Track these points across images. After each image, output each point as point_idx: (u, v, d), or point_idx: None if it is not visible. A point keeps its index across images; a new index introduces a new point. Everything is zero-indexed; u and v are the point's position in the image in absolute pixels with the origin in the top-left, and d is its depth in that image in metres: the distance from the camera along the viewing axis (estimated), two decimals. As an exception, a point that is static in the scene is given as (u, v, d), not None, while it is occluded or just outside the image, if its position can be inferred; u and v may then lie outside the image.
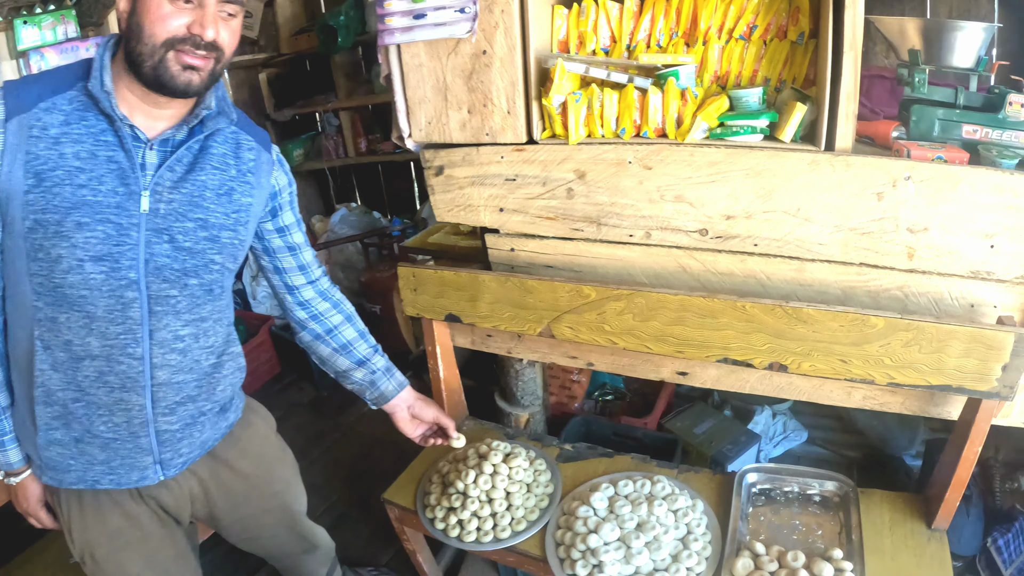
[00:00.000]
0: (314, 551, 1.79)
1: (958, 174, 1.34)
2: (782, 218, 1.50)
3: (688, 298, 1.50)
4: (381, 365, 1.58)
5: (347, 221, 3.33)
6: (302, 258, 1.47)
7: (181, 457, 1.33)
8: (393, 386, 1.59)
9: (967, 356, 1.34)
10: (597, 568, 1.53)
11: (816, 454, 2.62)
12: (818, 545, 1.58)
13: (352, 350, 1.56)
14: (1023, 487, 2.24)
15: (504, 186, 1.72)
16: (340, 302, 1.57)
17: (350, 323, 1.57)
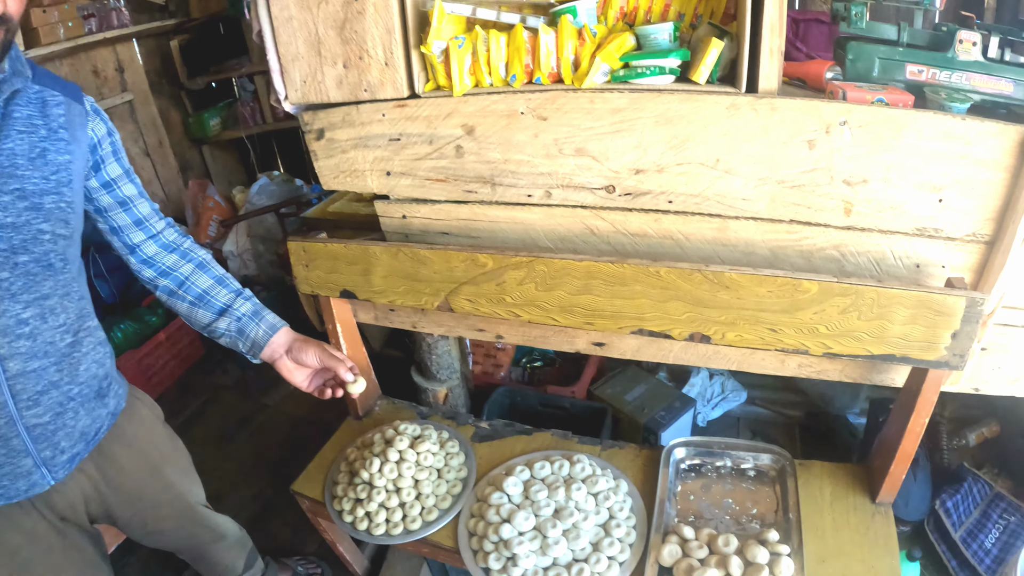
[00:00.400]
0: (221, 540, 1.70)
1: (901, 119, 1.19)
2: (699, 171, 1.34)
3: (595, 264, 1.35)
4: (247, 310, 1.41)
5: (266, 191, 3.12)
6: (137, 212, 1.32)
7: (64, 454, 1.22)
8: (264, 330, 1.40)
9: (913, 323, 1.21)
10: (511, 561, 1.41)
11: (756, 415, 2.54)
12: (753, 525, 1.48)
13: (209, 299, 1.39)
14: (971, 444, 2.18)
15: (389, 147, 1.54)
16: (189, 251, 1.40)
17: (203, 271, 1.41)
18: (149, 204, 1.36)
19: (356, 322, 1.80)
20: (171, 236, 1.39)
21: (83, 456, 1.27)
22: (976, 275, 1.31)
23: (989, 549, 1.91)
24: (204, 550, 1.68)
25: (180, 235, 1.41)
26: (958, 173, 1.20)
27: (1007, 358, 1.40)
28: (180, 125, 3.60)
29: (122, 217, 1.31)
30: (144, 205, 1.34)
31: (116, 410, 1.35)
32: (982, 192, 1.20)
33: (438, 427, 1.73)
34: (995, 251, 1.25)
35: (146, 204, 1.35)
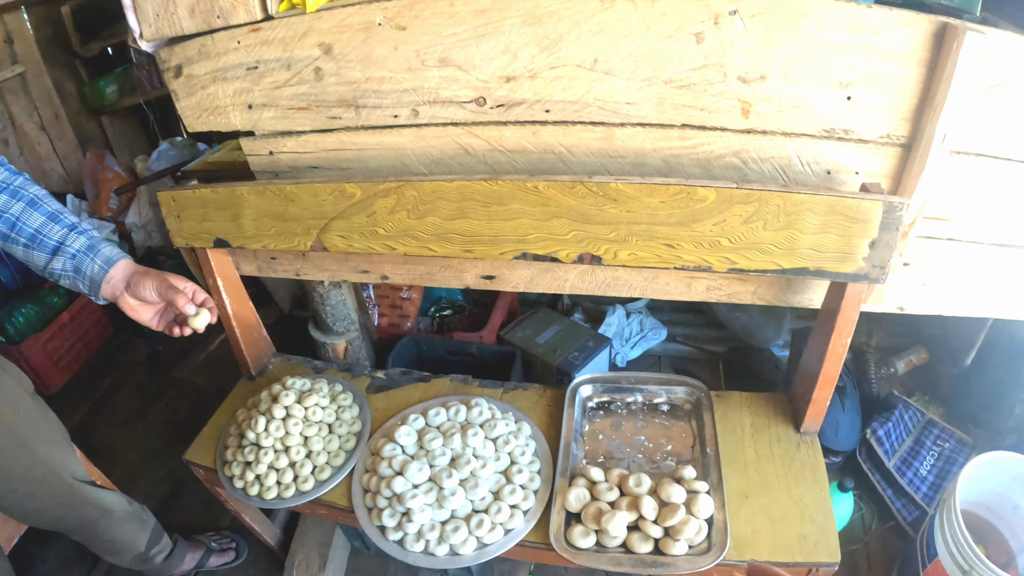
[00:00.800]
0: (108, 516, 1.61)
1: (799, 6, 1.08)
2: (576, 74, 1.22)
3: (468, 183, 1.23)
4: (80, 245, 1.23)
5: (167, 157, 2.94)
6: None
7: None
8: (99, 265, 1.23)
9: (825, 231, 1.12)
10: (406, 516, 1.31)
11: (677, 352, 2.48)
12: (668, 463, 1.40)
13: (42, 239, 1.22)
14: (900, 372, 2.16)
15: (247, 77, 1.40)
16: (20, 188, 1.22)
17: (34, 208, 1.22)
18: None
19: (240, 276, 1.67)
20: None
21: None
22: (894, 182, 1.22)
23: (925, 476, 1.88)
24: (94, 528, 1.59)
25: (11, 173, 1.24)
26: (867, 67, 1.10)
27: (932, 274, 1.33)
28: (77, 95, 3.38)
29: None
30: None
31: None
32: (895, 89, 1.11)
33: (331, 380, 1.62)
34: (912, 155, 1.16)
35: None
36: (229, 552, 2.02)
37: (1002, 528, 1.68)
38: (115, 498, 1.64)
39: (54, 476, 1.46)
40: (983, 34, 1.00)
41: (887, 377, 2.18)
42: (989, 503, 1.68)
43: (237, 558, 2.02)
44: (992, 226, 1.26)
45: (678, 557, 1.20)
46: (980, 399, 1.96)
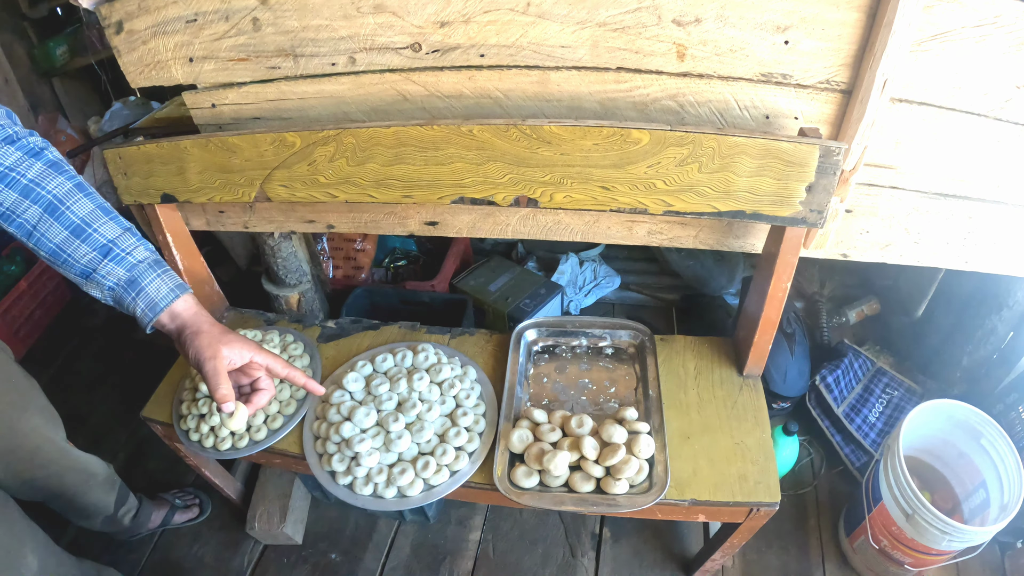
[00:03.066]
0: (92, 479, 1.62)
1: None
2: (509, 18, 1.21)
3: (404, 129, 1.23)
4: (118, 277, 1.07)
5: (120, 116, 2.88)
6: None
7: None
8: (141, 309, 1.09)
9: (761, 175, 1.13)
10: (354, 461, 1.33)
11: (632, 300, 2.51)
12: (611, 405, 1.42)
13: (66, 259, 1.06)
14: (851, 322, 2.20)
15: (187, 30, 1.38)
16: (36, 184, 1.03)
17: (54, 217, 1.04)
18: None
19: (190, 231, 1.66)
20: (9, 159, 1.01)
21: None
22: (833, 128, 1.23)
23: (873, 423, 1.92)
24: (75, 492, 1.59)
25: (26, 154, 1.03)
26: (805, 11, 1.10)
27: (875, 221, 1.35)
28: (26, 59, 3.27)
29: None
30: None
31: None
32: (834, 34, 1.11)
33: (283, 331, 1.63)
34: (853, 100, 1.17)
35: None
36: (193, 508, 2.03)
37: (948, 475, 1.73)
38: (96, 462, 1.66)
39: (48, 442, 1.45)
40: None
41: (839, 326, 2.21)
42: (935, 450, 1.72)
43: (201, 514, 2.04)
44: (935, 175, 1.27)
45: (619, 496, 1.23)
46: (930, 349, 2.00)
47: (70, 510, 1.66)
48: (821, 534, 1.84)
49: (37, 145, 1.06)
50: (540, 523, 1.90)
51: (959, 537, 1.43)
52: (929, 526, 1.43)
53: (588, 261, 2.49)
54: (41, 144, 1.07)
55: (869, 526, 1.61)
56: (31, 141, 1.05)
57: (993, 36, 1.08)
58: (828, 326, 2.16)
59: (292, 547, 1.93)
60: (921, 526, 1.45)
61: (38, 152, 1.05)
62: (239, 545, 1.96)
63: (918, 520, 1.45)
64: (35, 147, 1.05)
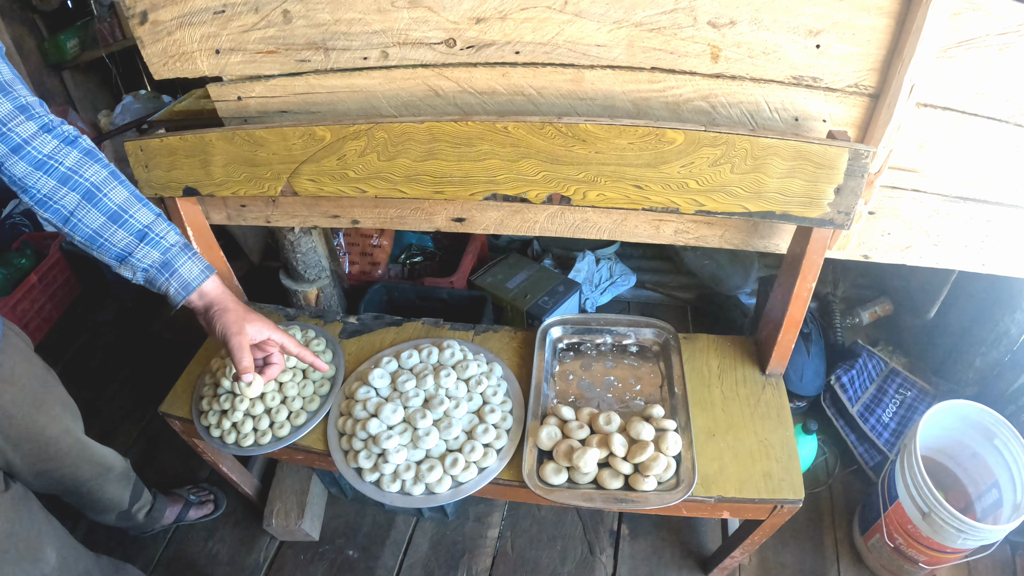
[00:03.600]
0: (108, 473, 1.61)
1: None
2: (546, 15, 1.21)
3: (438, 124, 1.22)
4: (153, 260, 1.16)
5: (131, 110, 2.87)
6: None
7: None
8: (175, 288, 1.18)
9: (791, 176, 1.13)
10: (381, 457, 1.32)
11: (647, 298, 2.52)
12: (637, 402, 1.42)
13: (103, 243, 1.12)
14: (864, 323, 2.21)
15: (215, 21, 1.37)
16: (73, 172, 1.08)
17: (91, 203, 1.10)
18: (12, 100, 1.03)
19: (210, 224, 1.66)
20: (47, 146, 1.06)
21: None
22: (860, 131, 1.24)
23: (887, 423, 1.93)
24: (90, 486, 1.58)
25: (63, 142, 1.08)
26: (837, 16, 1.10)
27: (897, 224, 1.35)
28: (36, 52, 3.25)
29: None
30: (2, 104, 1.02)
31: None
32: (864, 39, 1.12)
33: (304, 327, 1.62)
34: (880, 105, 1.17)
35: (5, 102, 1.02)
36: (208, 504, 2.03)
37: (960, 475, 1.74)
38: (113, 455, 1.65)
39: (66, 433, 1.44)
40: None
41: (852, 327, 2.22)
42: (949, 450, 1.73)
43: (216, 510, 2.03)
44: (956, 179, 1.28)
45: (648, 492, 1.23)
46: (942, 351, 2.01)
47: (85, 504, 1.65)
48: (836, 532, 1.84)
49: (72, 133, 1.10)
50: (559, 520, 1.90)
51: (974, 536, 1.43)
52: (945, 524, 1.44)
53: (604, 259, 2.49)
54: (75, 132, 1.11)
55: (884, 524, 1.62)
56: (64, 130, 1.10)
57: (1016, 44, 1.08)
58: (842, 326, 2.17)
59: (309, 543, 1.92)
60: (937, 524, 1.46)
61: (73, 140, 1.10)
62: (255, 541, 1.95)
63: (934, 518, 1.45)
64: (70, 135, 1.10)
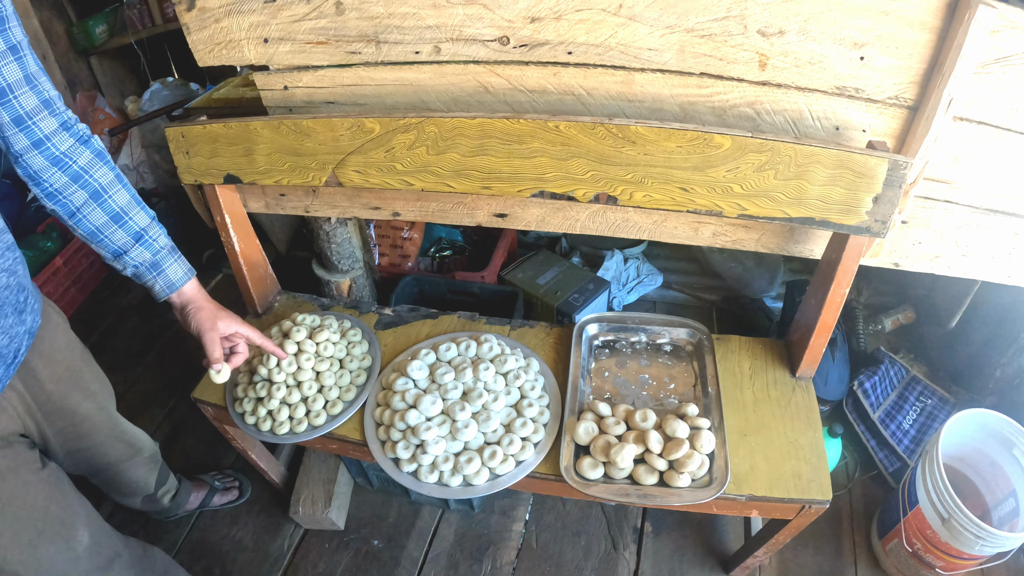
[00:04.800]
0: (137, 455, 1.62)
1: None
2: (600, 18, 1.23)
3: (489, 120, 1.24)
4: (144, 259, 1.28)
5: (159, 97, 2.89)
6: (18, 106, 1.05)
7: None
8: (160, 286, 1.32)
9: (832, 184, 1.15)
10: (420, 448, 1.34)
11: (672, 298, 2.53)
12: (671, 400, 1.44)
13: (103, 239, 1.23)
14: (887, 330, 2.22)
15: (264, 10, 1.38)
16: (85, 171, 1.16)
17: (97, 202, 1.20)
18: (37, 94, 1.07)
19: (248, 213, 1.67)
20: (64, 144, 1.13)
21: (6, 381, 1.12)
22: (898, 142, 1.25)
23: (907, 430, 1.94)
24: (119, 468, 1.59)
25: (78, 141, 1.16)
26: (881, 30, 1.12)
27: (928, 233, 1.37)
28: (65, 36, 3.27)
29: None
30: (28, 96, 1.06)
31: (34, 327, 1.20)
32: (906, 53, 1.13)
33: (339, 317, 1.64)
34: (918, 117, 1.19)
35: (31, 95, 1.06)
36: (232, 491, 2.04)
37: (979, 483, 1.75)
38: (144, 437, 1.66)
39: (100, 411, 1.45)
40: (994, 8, 1.03)
41: (874, 333, 2.24)
42: (968, 458, 1.74)
43: (240, 497, 2.05)
44: (988, 192, 1.30)
45: (682, 489, 1.25)
46: (963, 360, 2.02)
47: (112, 486, 1.66)
48: (854, 536, 1.86)
49: (86, 133, 1.18)
50: (583, 515, 1.92)
51: (992, 543, 1.45)
52: (964, 530, 1.45)
53: (632, 258, 2.51)
54: (88, 132, 1.19)
55: (903, 529, 1.63)
56: (80, 128, 1.17)
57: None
58: (865, 333, 2.18)
59: (334, 532, 1.94)
60: (956, 530, 1.47)
61: (87, 140, 1.18)
62: (279, 528, 1.97)
63: (954, 524, 1.47)
64: (84, 135, 1.18)
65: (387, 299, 2.08)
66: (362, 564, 1.86)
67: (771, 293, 2.38)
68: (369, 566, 1.86)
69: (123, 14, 3.20)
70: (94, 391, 1.42)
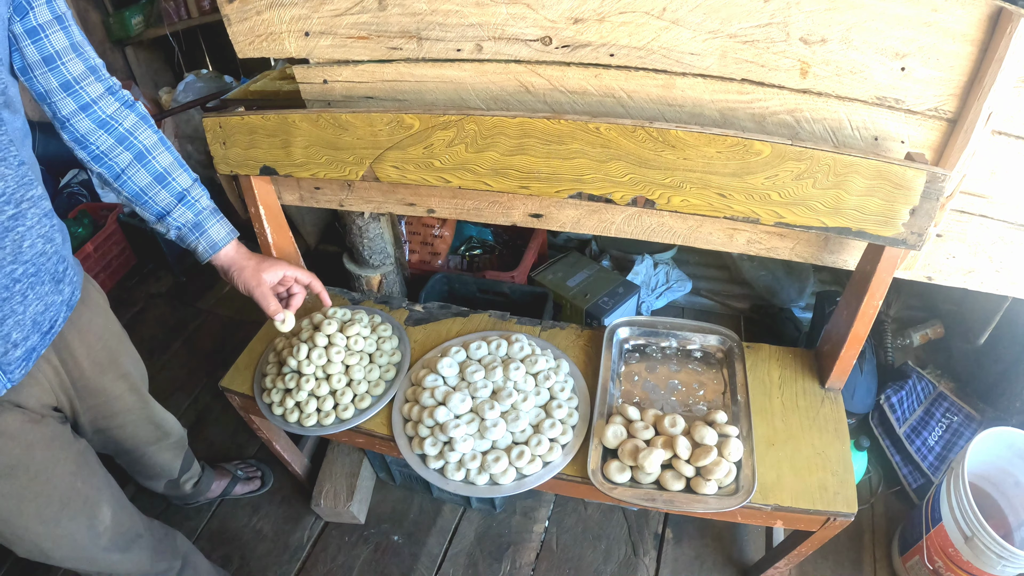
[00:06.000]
0: (165, 439, 1.64)
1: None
2: (643, 20, 1.22)
3: (529, 120, 1.24)
4: (187, 220, 1.30)
5: (193, 88, 2.92)
6: (66, 72, 1.08)
7: (17, 348, 1.07)
8: (203, 247, 1.32)
9: (870, 195, 1.14)
10: (447, 446, 1.35)
11: (701, 305, 2.52)
12: (700, 407, 1.44)
13: (147, 201, 1.27)
14: (915, 344, 2.20)
15: (306, 3, 1.39)
16: (131, 133, 1.21)
17: (141, 163, 1.24)
18: (84, 60, 1.12)
19: (281, 205, 1.68)
20: (110, 108, 1.17)
21: (40, 351, 1.13)
22: (936, 154, 1.24)
23: (932, 446, 1.92)
24: (145, 450, 1.61)
25: (123, 105, 1.20)
26: (923, 41, 1.11)
27: (962, 247, 1.36)
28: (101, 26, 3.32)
29: (47, 78, 1.08)
30: (75, 63, 1.10)
31: (72, 300, 1.21)
32: (947, 64, 1.12)
33: (370, 311, 1.64)
34: (957, 130, 1.18)
35: (78, 61, 1.10)
36: (255, 480, 2.06)
37: (1002, 502, 1.73)
38: (173, 421, 1.68)
39: (133, 391, 1.46)
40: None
41: (903, 348, 2.22)
42: (992, 477, 1.72)
43: (262, 487, 2.06)
44: (1023, 207, 1.28)
45: (708, 496, 1.24)
46: (991, 377, 2.00)
47: (137, 468, 1.67)
48: (875, 551, 1.84)
49: (130, 98, 1.23)
50: (604, 519, 1.92)
51: (1015, 563, 1.43)
52: (987, 549, 1.43)
53: (662, 264, 2.50)
54: (132, 97, 1.23)
55: (925, 546, 1.62)
56: (124, 93, 1.22)
57: (1092, 79, 1.09)
58: (893, 347, 2.16)
59: (354, 526, 1.95)
60: (979, 549, 1.45)
61: (132, 104, 1.22)
62: (300, 520, 1.98)
63: (977, 543, 1.45)
64: (128, 99, 1.22)
65: (416, 296, 2.10)
66: (381, 559, 1.87)
67: (800, 303, 2.36)
68: (388, 561, 1.87)
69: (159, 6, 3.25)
70: (128, 372, 1.43)
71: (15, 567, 1.92)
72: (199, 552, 1.66)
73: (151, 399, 1.56)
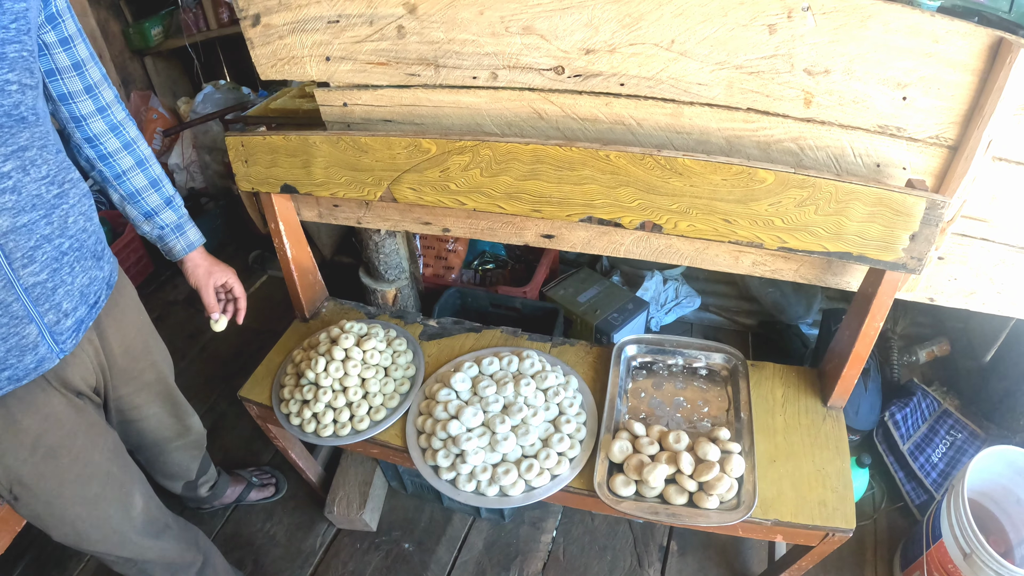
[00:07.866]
0: (186, 435, 1.70)
1: (867, 8, 1.13)
2: (653, 52, 1.27)
3: (542, 147, 1.29)
4: (171, 221, 1.45)
5: (211, 100, 2.98)
6: (89, 77, 1.24)
7: (68, 318, 1.15)
8: (181, 247, 1.47)
9: (871, 221, 1.18)
10: (459, 458, 1.39)
11: (709, 321, 2.55)
12: (704, 424, 1.47)
13: (140, 201, 1.41)
14: (921, 361, 2.22)
15: (328, 30, 1.45)
16: (133, 142, 1.37)
17: (140, 169, 1.39)
18: (99, 69, 1.28)
19: (300, 221, 1.73)
20: (119, 115, 1.33)
21: (88, 324, 1.22)
22: (937, 180, 1.28)
23: (936, 463, 1.94)
24: (165, 447, 1.67)
25: (127, 115, 1.36)
26: (924, 71, 1.15)
27: (964, 270, 1.39)
28: (120, 36, 3.38)
29: (74, 81, 1.22)
30: (95, 70, 1.26)
31: (111, 280, 1.32)
32: (948, 94, 1.16)
33: (385, 326, 1.69)
34: (958, 156, 1.22)
35: (96, 70, 1.27)
36: (269, 487, 2.10)
37: (1003, 520, 1.75)
38: (195, 417, 1.74)
39: (160, 381, 1.54)
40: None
41: (908, 365, 2.24)
42: (994, 494, 1.74)
43: (276, 493, 2.11)
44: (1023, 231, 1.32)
45: (710, 510, 1.28)
46: (996, 396, 2.02)
47: (155, 464, 1.73)
48: (876, 566, 1.87)
49: (128, 111, 1.37)
50: (610, 531, 1.96)
51: (1012, 581, 1.46)
52: (985, 566, 1.46)
53: (671, 280, 2.54)
54: (127, 111, 1.38)
55: (926, 562, 1.64)
56: (124, 106, 1.37)
57: (1090, 106, 1.12)
58: (899, 363, 2.19)
59: (366, 533, 1.99)
60: (978, 566, 1.47)
61: (130, 118, 1.38)
62: (312, 526, 2.02)
63: (975, 560, 1.47)
64: (129, 112, 1.38)
65: (430, 309, 2.14)
66: (392, 566, 1.91)
67: (807, 320, 2.39)
68: (399, 568, 1.91)
69: (178, 17, 3.31)
70: (157, 361, 1.51)
71: (33, 564, 1.97)
72: (218, 551, 1.71)
73: (176, 390, 1.63)
